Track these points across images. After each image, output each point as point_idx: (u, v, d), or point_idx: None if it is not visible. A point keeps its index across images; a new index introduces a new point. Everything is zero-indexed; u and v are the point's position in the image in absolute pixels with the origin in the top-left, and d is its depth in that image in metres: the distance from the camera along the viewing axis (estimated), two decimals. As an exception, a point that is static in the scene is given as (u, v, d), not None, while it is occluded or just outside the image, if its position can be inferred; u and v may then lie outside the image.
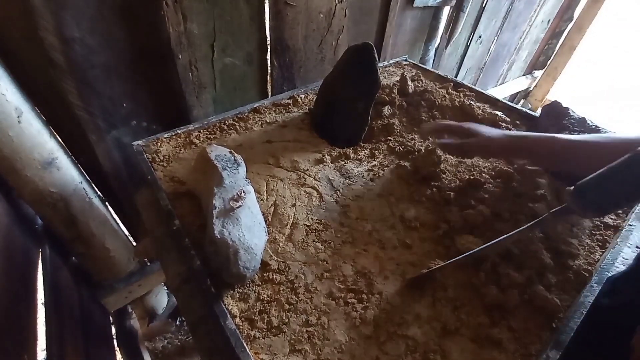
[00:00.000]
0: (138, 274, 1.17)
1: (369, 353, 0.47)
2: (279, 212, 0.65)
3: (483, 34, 1.78)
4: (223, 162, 0.61)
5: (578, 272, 0.55)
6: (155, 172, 0.71)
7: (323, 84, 0.84)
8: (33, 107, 0.77)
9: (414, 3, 1.31)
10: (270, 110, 0.91)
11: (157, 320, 1.41)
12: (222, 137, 0.82)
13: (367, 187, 0.72)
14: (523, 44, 2.14)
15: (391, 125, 0.85)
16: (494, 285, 0.53)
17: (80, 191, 0.90)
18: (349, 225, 0.64)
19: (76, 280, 1.02)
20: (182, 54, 0.88)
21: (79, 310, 0.96)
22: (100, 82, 0.83)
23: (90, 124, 0.87)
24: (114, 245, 1.04)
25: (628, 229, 0.61)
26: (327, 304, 0.52)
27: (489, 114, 0.87)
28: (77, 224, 0.91)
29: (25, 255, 0.81)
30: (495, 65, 2.11)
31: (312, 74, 1.20)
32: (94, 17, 0.74)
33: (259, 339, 0.48)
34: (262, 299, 0.52)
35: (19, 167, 0.74)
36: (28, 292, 0.78)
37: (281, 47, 1.06)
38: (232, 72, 1.01)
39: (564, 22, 2.23)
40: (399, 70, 1.12)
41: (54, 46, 0.72)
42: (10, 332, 0.64)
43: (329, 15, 1.09)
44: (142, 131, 0.97)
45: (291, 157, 0.77)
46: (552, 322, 0.50)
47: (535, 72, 2.48)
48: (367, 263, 0.58)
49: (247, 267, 0.51)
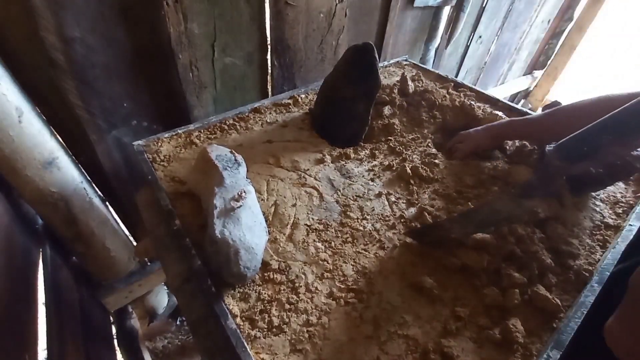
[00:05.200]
0: (138, 274, 1.17)
1: (369, 353, 0.47)
2: (280, 212, 0.65)
3: (483, 34, 1.78)
4: (224, 162, 0.61)
5: (578, 272, 0.55)
6: (155, 172, 0.71)
7: (323, 84, 0.84)
8: (34, 107, 0.77)
9: (414, 3, 1.31)
10: (271, 110, 0.91)
11: (157, 320, 1.41)
12: (222, 137, 0.82)
13: (367, 187, 0.72)
14: (523, 44, 2.14)
15: (391, 125, 0.85)
16: (495, 285, 0.54)
17: (80, 191, 0.90)
18: (350, 225, 0.64)
19: (76, 280, 1.02)
20: (182, 53, 0.88)
21: (79, 310, 0.96)
22: (101, 82, 0.83)
23: (91, 123, 0.87)
24: (114, 245, 1.05)
25: (628, 229, 0.61)
26: (327, 304, 0.52)
27: (489, 114, 0.87)
28: (77, 224, 0.91)
29: (25, 255, 0.81)
30: (495, 65, 2.11)
31: (312, 74, 1.20)
32: (94, 17, 0.74)
33: (259, 338, 0.48)
34: (263, 299, 0.52)
35: (20, 167, 0.74)
36: (28, 292, 0.78)
37: (281, 47, 1.06)
38: (232, 72, 1.01)
39: (564, 22, 2.23)
40: (400, 70, 1.12)
41: (55, 46, 0.72)
42: (11, 332, 0.64)
43: (330, 15, 1.09)
44: (142, 131, 0.97)
45: (292, 157, 0.77)
46: (553, 322, 0.50)
47: (535, 72, 2.48)
48: (367, 263, 0.58)
49: (248, 266, 0.51)
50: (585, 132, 0.49)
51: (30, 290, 0.79)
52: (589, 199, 0.68)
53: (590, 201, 0.68)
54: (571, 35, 2.24)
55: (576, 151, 0.50)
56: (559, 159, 0.51)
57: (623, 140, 0.47)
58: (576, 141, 0.50)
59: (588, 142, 0.49)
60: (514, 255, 0.56)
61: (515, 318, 0.49)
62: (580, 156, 0.50)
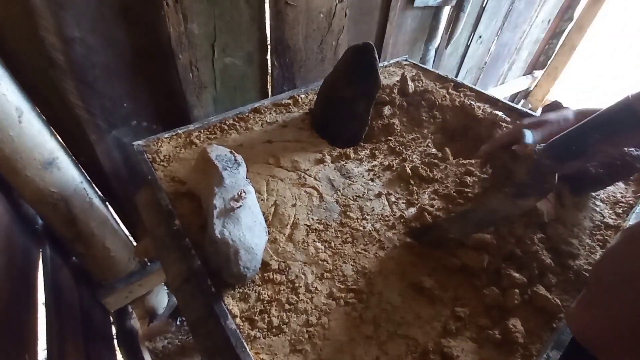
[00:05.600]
0: (138, 274, 1.17)
1: (369, 353, 0.47)
2: (280, 212, 0.65)
3: (483, 34, 1.78)
4: (223, 162, 0.61)
5: (578, 272, 0.55)
6: (155, 172, 0.71)
7: (323, 84, 0.84)
8: (33, 107, 0.77)
9: (414, 3, 1.31)
10: (271, 110, 0.91)
11: (157, 320, 1.41)
12: (222, 137, 0.82)
13: (367, 187, 0.72)
14: (523, 44, 2.13)
15: (391, 125, 0.85)
16: (495, 285, 0.53)
17: (80, 191, 0.90)
18: (350, 225, 0.64)
19: (76, 280, 1.02)
20: (182, 53, 0.88)
21: (79, 310, 0.96)
22: (101, 82, 0.83)
23: (91, 123, 0.87)
24: (114, 245, 1.05)
25: (628, 229, 0.61)
26: (327, 304, 0.52)
27: (489, 114, 0.87)
28: (77, 224, 0.91)
29: (25, 255, 0.81)
30: (495, 65, 2.11)
31: (312, 74, 1.20)
32: (94, 17, 0.74)
33: (259, 339, 0.48)
34: (263, 299, 0.52)
35: (20, 167, 0.74)
36: (28, 292, 0.78)
37: (281, 47, 1.06)
38: (232, 72, 1.01)
39: (564, 22, 2.23)
40: (399, 70, 1.12)
41: (54, 46, 0.72)
42: (11, 332, 0.64)
43: (330, 15, 1.09)
44: (142, 131, 0.97)
45: (291, 157, 0.77)
46: (553, 322, 0.50)
47: (535, 72, 2.48)
48: (367, 263, 0.58)
49: (248, 267, 0.51)
50: (573, 131, 0.50)
51: (30, 291, 0.79)
52: (589, 199, 0.68)
53: (590, 201, 0.68)
54: (571, 35, 2.24)
55: (565, 150, 0.50)
56: (548, 158, 0.51)
57: (611, 138, 0.48)
58: (565, 140, 0.50)
59: (576, 141, 0.49)
60: (514, 255, 0.56)
61: (515, 318, 0.49)
62: (569, 155, 0.50)
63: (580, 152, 0.49)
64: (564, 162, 0.50)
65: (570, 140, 0.50)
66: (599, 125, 0.48)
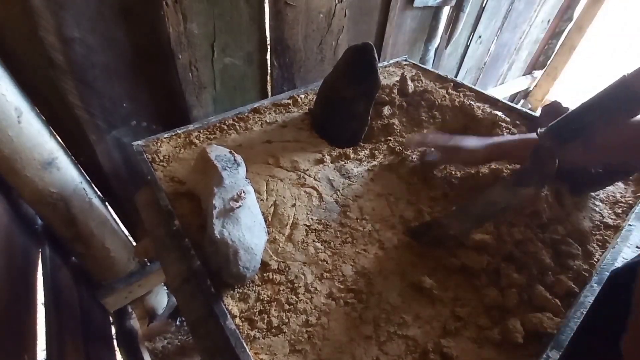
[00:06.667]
0: (138, 274, 1.16)
1: (369, 353, 0.47)
2: (279, 212, 0.65)
3: (483, 34, 1.78)
4: (223, 162, 0.61)
5: (578, 272, 0.55)
6: (155, 172, 0.71)
7: (323, 84, 0.84)
8: (33, 107, 0.77)
9: (414, 3, 1.31)
10: (270, 110, 0.91)
11: (157, 320, 1.41)
12: (222, 137, 0.82)
13: (367, 187, 0.72)
14: (523, 44, 2.14)
15: (391, 125, 0.85)
16: (494, 285, 0.53)
17: (80, 191, 0.90)
18: (349, 225, 0.64)
19: (76, 280, 1.02)
20: (182, 54, 0.88)
21: (79, 310, 0.96)
22: (100, 82, 0.83)
23: (90, 124, 0.87)
24: (114, 245, 1.04)
25: (628, 229, 0.61)
26: (327, 304, 0.52)
27: (488, 114, 0.87)
28: (77, 224, 0.91)
29: (25, 255, 0.81)
30: (495, 65, 2.11)
31: (312, 74, 1.20)
32: (94, 17, 0.74)
33: (259, 339, 0.48)
34: (262, 299, 0.52)
35: (19, 167, 0.74)
36: (28, 292, 0.78)
37: (281, 47, 1.06)
38: (232, 72, 1.01)
39: (564, 22, 2.23)
40: (399, 70, 1.12)
41: (54, 46, 0.72)
42: (11, 332, 0.64)
43: (329, 15, 1.09)
44: (142, 131, 0.97)
45: (291, 157, 0.77)
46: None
47: (535, 72, 2.48)
48: (367, 263, 0.58)
49: (247, 267, 0.51)
50: (572, 112, 0.52)
51: (30, 291, 0.78)
52: (589, 199, 0.68)
53: (589, 201, 0.68)
54: (571, 35, 2.24)
55: (565, 130, 0.52)
56: (550, 139, 0.53)
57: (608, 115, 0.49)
58: (565, 121, 0.53)
59: (576, 121, 0.51)
60: (513, 255, 0.56)
61: (515, 318, 0.49)
62: (569, 135, 0.52)
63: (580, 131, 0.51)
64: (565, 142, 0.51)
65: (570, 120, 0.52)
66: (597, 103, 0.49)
